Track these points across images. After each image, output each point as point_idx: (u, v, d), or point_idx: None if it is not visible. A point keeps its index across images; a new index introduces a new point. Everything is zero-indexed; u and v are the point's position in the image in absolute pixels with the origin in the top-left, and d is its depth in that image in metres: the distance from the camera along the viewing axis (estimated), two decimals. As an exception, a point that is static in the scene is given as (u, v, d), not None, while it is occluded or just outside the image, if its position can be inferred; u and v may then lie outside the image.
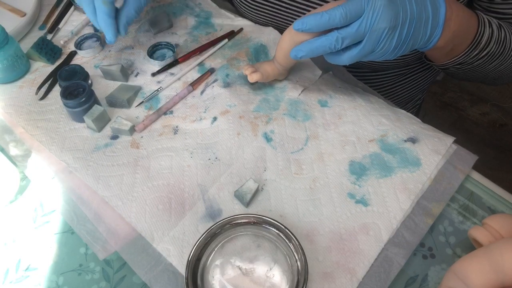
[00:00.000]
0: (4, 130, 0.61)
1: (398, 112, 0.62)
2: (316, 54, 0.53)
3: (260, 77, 0.60)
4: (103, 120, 0.59)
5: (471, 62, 0.58)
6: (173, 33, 0.73)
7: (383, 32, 0.48)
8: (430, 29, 0.50)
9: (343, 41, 0.49)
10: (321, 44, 0.50)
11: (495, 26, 0.56)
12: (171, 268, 0.48)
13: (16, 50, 0.64)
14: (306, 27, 0.50)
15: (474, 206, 0.53)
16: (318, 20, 0.49)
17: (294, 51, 0.53)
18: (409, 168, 0.54)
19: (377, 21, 0.47)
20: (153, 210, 0.52)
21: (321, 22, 0.49)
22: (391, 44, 0.49)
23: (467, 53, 0.56)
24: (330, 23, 0.48)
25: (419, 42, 0.51)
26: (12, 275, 0.48)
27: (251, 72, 0.60)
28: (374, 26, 0.47)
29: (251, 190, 0.52)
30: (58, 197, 0.54)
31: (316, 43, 0.51)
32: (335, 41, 0.49)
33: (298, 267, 0.45)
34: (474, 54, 0.56)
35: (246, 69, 0.60)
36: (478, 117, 1.76)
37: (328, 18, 0.48)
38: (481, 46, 0.55)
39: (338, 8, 0.47)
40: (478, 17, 0.55)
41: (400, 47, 0.50)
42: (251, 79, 0.60)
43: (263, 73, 0.60)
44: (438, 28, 0.50)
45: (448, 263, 0.48)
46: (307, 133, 0.59)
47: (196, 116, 0.61)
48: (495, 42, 0.56)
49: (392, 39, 0.49)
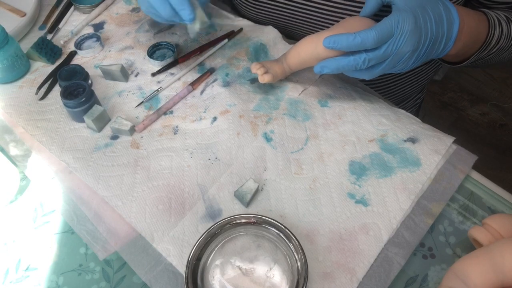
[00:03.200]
0: (4, 130, 0.61)
1: (398, 112, 0.62)
2: (340, 72, 0.53)
3: (271, 78, 0.59)
4: (103, 120, 0.59)
5: (482, 58, 0.60)
6: (173, 33, 0.73)
7: (405, 54, 0.50)
8: (444, 44, 0.52)
9: (369, 62, 0.50)
10: (348, 64, 0.51)
11: (504, 23, 0.57)
12: (171, 268, 0.48)
13: (16, 50, 0.64)
14: (337, 46, 0.50)
15: (474, 206, 0.53)
16: (351, 42, 0.49)
17: (319, 67, 0.54)
18: (409, 168, 0.54)
19: (403, 45, 0.49)
20: (153, 210, 0.52)
21: (353, 43, 0.49)
22: (410, 61, 0.51)
23: (477, 54, 0.58)
24: (362, 45, 0.49)
25: (433, 55, 0.53)
26: (12, 275, 0.48)
27: (263, 73, 0.59)
28: (399, 49, 0.49)
29: (251, 190, 0.52)
30: (58, 197, 0.54)
31: (342, 62, 0.52)
32: (362, 62, 0.50)
33: (298, 267, 0.45)
34: (485, 53, 0.58)
35: (258, 68, 0.59)
36: (478, 117, 1.76)
37: (361, 41, 0.48)
38: (491, 46, 0.57)
39: (371, 32, 0.48)
40: (488, 20, 0.56)
41: (416, 62, 0.52)
42: (262, 80, 0.59)
43: (273, 75, 0.59)
44: (451, 41, 0.52)
45: (448, 263, 0.48)
46: (307, 133, 0.59)
47: (196, 116, 0.61)
48: (505, 38, 0.57)
49: (411, 58, 0.51)
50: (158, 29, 0.72)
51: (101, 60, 0.69)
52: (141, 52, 0.70)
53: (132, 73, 0.67)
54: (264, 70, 0.59)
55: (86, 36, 0.71)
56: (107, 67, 0.64)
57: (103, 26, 0.74)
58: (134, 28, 0.74)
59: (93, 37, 0.71)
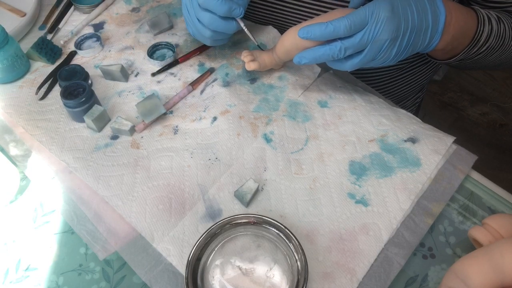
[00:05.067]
0: (4, 130, 0.61)
1: (398, 112, 0.62)
2: (319, 62, 0.54)
3: (257, 66, 0.61)
4: (103, 120, 0.59)
5: (472, 57, 0.59)
6: (173, 34, 0.73)
7: (384, 43, 0.49)
8: (429, 36, 0.52)
9: (346, 51, 0.51)
10: (324, 53, 0.52)
11: (494, 21, 0.56)
12: (171, 268, 0.48)
13: (16, 50, 0.64)
14: (311, 36, 0.51)
15: (474, 206, 0.53)
16: (323, 30, 0.50)
17: (297, 57, 0.55)
18: (409, 168, 0.54)
19: (379, 33, 0.49)
20: (153, 210, 0.52)
21: (325, 32, 0.50)
22: (391, 53, 0.51)
23: (467, 51, 0.57)
24: (335, 34, 0.49)
25: (418, 47, 0.53)
26: (12, 275, 0.48)
27: (250, 60, 0.60)
28: (376, 37, 0.49)
29: (251, 190, 0.52)
30: (58, 197, 0.54)
31: (319, 52, 0.52)
32: (338, 51, 0.51)
33: (298, 267, 0.45)
34: (474, 50, 0.58)
35: (245, 56, 0.61)
36: (478, 117, 1.76)
37: (333, 29, 0.49)
38: (480, 43, 0.57)
39: (343, 20, 0.48)
40: (477, 16, 0.55)
41: (400, 55, 0.52)
42: (248, 67, 0.60)
43: (260, 63, 0.61)
44: (437, 34, 0.52)
45: (448, 263, 0.48)
46: (307, 134, 0.59)
47: (196, 116, 0.61)
48: (494, 36, 0.57)
49: (392, 49, 0.51)
50: (158, 30, 0.72)
51: (101, 60, 0.69)
52: (141, 52, 0.70)
53: (132, 73, 0.67)
54: (251, 57, 0.61)
55: (86, 36, 0.71)
56: (107, 67, 0.64)
57: (103, 26, 0.74)
58: (134, 28, 0.74)
59: (93, 37, 0.71)
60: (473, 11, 0.56)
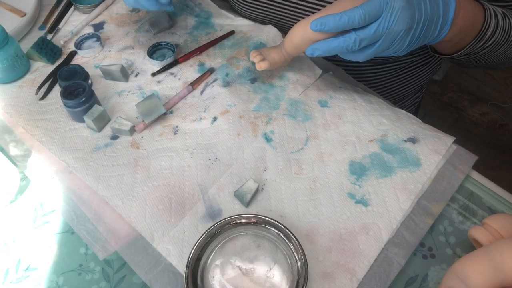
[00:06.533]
0: (4, 130, 0.61)
1: (398, 112, 0.62)
2: (332, 54, 0.53)
3: (268, 65, 0.59)
4: (103, 120, 0.59)
5: (477, 52, 0.59)
6: (173, 33, 0.73)
7: (399, 33, 0.48)
8: (440, 26, 0.51)
9: (361, 43, 0.49)
10: (338, 45, 0.50)
11: (500, 16, 0.56)
12: (171, 268, 0.48)
13: (16, 50, 0.64)
14: (325, 28, 0.50)
15: (474, 206, 0.53)
16: (337, 21, 0.48)
17: (310, 49, 0.53)
18: (409, 168, 0.54)
19: (394, 23, 0.47)
20: (153, 210, 0.52)
21: (340, 23, 0.48)
22: (404, 43, 0.50)
23: (473, 44, 0.57)
24: (349, 24, 0.48)
25: (429, 38, 0.52)
26: (12, 275, 0.48)
27: (260, 60, 0.59)
28: (391, 28, 0.48)
29: (251, 190, 0.52)
30: (58, 197, 0.54)
31: (333, 44, 0.51)
32: (353, 42, 0.49)
33: (298, 267, 0.45)
34: (480, 44, 0.57)
35: (255, 56, 0.59)
36: (478, 117, 1.76)
37: (347, 20, 0.48)
38: (486, 37, 0.56)
39: (357, 10, 0.47)
40: (484, 9, 0.55)
41: (412, 45, 0.51)
42: (259, 67, 0.59)
43: (270, 61, 0.59)
44: (447, 25, 0.51)
45: (448, 263, 0.48)
46: (307, 133, 0.59)
47: (196, 116, 0.61)
48: (500, 31, 0.57)
49: (406, 39, 0.50)
50: (158, 29, 0.72)
51: (101, 60, 0.69)
52: (141, 52, 0.70)
53: (132, 73, 0.67)
54: (261, 57, 0.59)
55: (86, 36, 0.71)
56: (107, 67, 0.64)
57: (103, 26, 0.74)
58: (134, 28, 0.74)
59: (93, 37, 0.71)
60: (480, 5, 0.56)
